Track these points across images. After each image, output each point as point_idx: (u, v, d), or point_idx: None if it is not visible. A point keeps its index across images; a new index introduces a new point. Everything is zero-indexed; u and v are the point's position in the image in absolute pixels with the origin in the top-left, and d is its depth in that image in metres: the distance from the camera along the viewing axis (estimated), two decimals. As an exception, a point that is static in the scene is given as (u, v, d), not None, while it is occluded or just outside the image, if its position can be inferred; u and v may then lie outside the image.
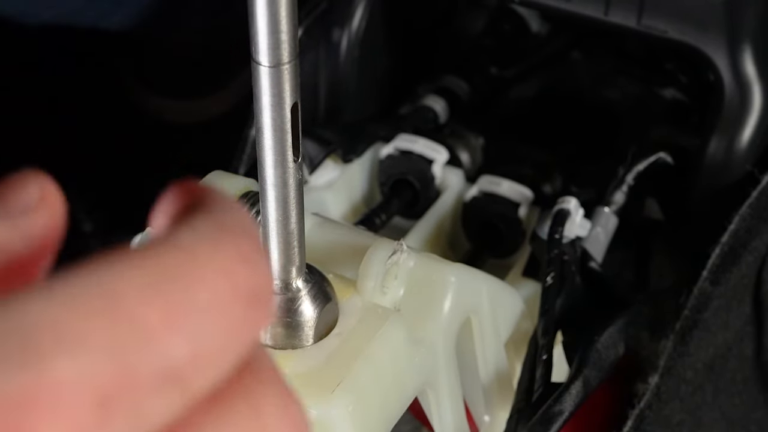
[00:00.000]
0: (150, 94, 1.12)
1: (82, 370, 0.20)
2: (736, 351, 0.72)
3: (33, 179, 0.26)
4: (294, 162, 0.41)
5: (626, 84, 0.86)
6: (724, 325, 0.69)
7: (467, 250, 0.77)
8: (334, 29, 0.80)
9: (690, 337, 0.66)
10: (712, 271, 0.67)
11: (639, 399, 0.64)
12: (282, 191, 0.42)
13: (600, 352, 0.60)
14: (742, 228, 0.68)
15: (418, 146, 0.77)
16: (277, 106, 0.39)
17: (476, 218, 0.75)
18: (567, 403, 0.57)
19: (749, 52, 0.69)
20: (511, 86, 0.89)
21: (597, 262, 0.67)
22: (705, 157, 0.72)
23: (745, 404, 0.73)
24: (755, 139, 0.71)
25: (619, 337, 0.62)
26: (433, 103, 0.83)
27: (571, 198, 0.67)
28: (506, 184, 0.75)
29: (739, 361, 0.72)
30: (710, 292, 0.67)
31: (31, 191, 0.26)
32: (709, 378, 0.69)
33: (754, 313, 0.72)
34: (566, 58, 0.90)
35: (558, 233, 0.65)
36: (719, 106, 0.71)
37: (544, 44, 0.90)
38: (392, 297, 0.51)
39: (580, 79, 0.88)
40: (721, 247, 0.67)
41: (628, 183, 0.72)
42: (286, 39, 0.38)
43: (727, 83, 0.70)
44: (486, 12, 0.90)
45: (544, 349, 0.60)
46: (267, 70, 0.38)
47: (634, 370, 0.66)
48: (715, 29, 0.69)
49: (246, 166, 0.77)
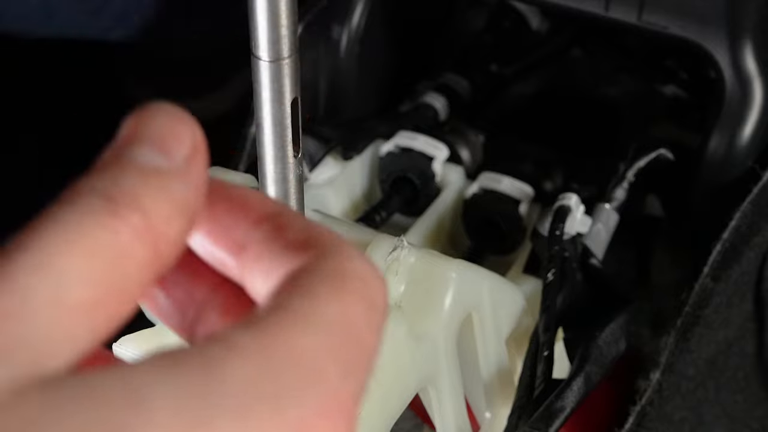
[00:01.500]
0: (150, 94, 1.13)
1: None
2: (738, 348, 0.72)
3: (182, 122, 0.25)
4: (294, 157, 0.41)
5: (627, 81, 0.86)
6: (726, 321, 0.69)
7: (468, 247, 0.77)
8: (334, 26, 0.80)
9: (691, 333, 0.66)
10: (713, 267, 0.67)
11: (640, 396, 0.64)
12: (282, 187, 0.41)
13: (601, 349, 0.60)
14: (744, 224, 0.68)
15: (418, 143, 0.77)
16: (277, 101, 0.39)
17: (477, 215, 0.75)
18: (568, 400, 0.57)
19: (750, 48, 0.69)
20: (511, 83, 0.89)
21: (598, 259, 0.67)
22: (706, 153, 0.72)
23: (746, 401, 0.73)
24: (756, 135, 0.71)
25: (621, 333, 0.62)
26: (434, 101, 0.83)
27: (571, 194, 0.67)
28: (507, 181, 0.75)
29: (741, 358, 0.72)
30: (711, 288, 0.67)
31: (185, 138, 0.25)
32: (711, 375, 0.69)
33: (756, 310, 0.72)
34: (567, 55, 0.89)
35: (559, 230, 0.65)
36: (720, 103, 0.71)
37: (545, 41, 0.90)
38: (393, 293, 0.51)
39: (581, 76, 0.88)
40: (722, 244, 0.67)
41: (629, 179, 0.72)
42: (286, 34, 0.38)
43: (728, 79, 0.70)
44: (486, 9, 0.90)
45: (545, 345, 0.60)
46: (267, 65, 0.38)
47: (636, 367, 0.66)
48: (716, 25, 0.69)
49: (246, 164, 0.77)
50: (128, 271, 0.23)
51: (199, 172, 0.25)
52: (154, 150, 0.24)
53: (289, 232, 0.26)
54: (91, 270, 0.22)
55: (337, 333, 0.24)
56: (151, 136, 0.24)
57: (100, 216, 0.23)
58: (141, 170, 0.24)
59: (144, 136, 0.24)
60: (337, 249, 0.26)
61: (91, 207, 0.23)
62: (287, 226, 0.26)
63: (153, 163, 0.24)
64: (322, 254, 0.25)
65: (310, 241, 0.26)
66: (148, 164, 0.24)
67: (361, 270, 0.26)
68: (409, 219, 0.76)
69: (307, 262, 0.25)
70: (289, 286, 0.25)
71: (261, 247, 0.26)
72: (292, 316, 0.24)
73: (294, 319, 0.23)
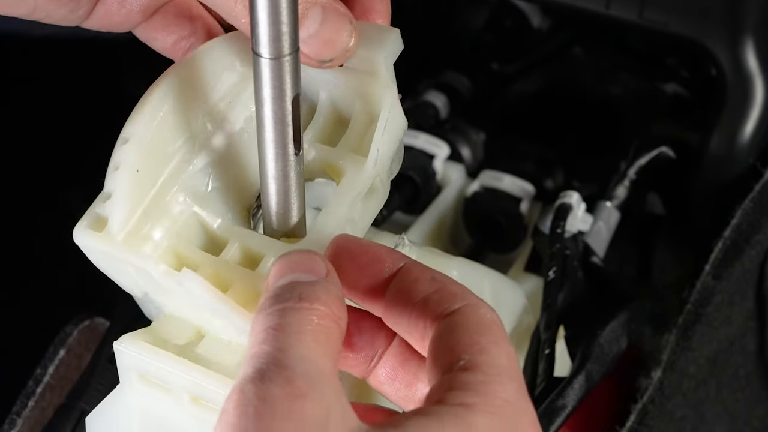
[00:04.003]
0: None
1: None
2: (739, 346, 0.72)
3: (315, 255, 0.38)
4: (295, 155, 0.41)
5: (628, 79, 0.86)
6: (727, 319, 0.69)
7: (469, 245, 0.77)
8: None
9: (693, 331, 0.66)
10: (715, 265, 0.67)
11: (642, 394, 0.64)
12: (283, 184, 0.41)
13: (602, 347, 0.60)
14: (745, 222, 0.68)
15: (419, 141, 0.77)
16: (278, 98, 0.39)
17: (478, 213, 0.75)
18: (570, 398, 0.57)
19: (751, 46, 0.69)
20: (512, 81, 0.89)
21: (599, 257, 0.67)
22: (707, 151, 0.72)
23: (747, 399, 0.73)
24: (758, 132, 0.71)
25: (622, 331, 0.62)
26: (434, 99, 0.83)
27: (573, 192, 0.67)
28: (508, 179, 0.74)
29: (742, 356, 0.72)
30: (713, 286, 0.66)
31: (320, 261, 0.38)
32: (712, 373, 0.69)
33: (757, 308, 0.72)
34: (568, 54, 0.89)
35: (560, 228, 0.65)
36: (721, 100, 0.70)
37: (546, 40, 0.90)
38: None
39: (582, 74, 0.88)
40: (723, 242, 0.67)
41: (630, 177, 0.72)
42: (286, 31, 0.37)
43: (729, 77, 0.70)
44: (487, 7, 0.90)
45: (546, 343, 0.60)
46: (268, 62, 0.38)
47: (637, 365, 0.66)
48: (717, 22, 0.69)
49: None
50: (336, 342, 0.36)
51: (336, 278, 0.38)
52: (310, 275, 0.37)
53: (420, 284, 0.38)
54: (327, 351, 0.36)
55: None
56: (299, 267, 0.38)
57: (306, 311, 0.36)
58: (310, 284, 0.37)
59: (296, 268, 0.38)
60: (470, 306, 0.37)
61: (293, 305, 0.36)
62: (418, 278, 0.38)
63: (311, 278, 0.37)
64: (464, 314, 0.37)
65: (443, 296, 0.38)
66: (311, 279, 0.37)
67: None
68: (410, 217, 0.76)
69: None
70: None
71: (396, 298, 0.38)
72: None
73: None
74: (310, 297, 0.36)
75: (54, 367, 0.71)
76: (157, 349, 0.43)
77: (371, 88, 0.44)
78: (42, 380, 0.70)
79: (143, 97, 0.43)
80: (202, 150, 0.44)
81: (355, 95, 0.45)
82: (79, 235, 0.42)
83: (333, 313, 0.36)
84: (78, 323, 0.73)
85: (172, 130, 0.43)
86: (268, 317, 0.36)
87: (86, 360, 0.71)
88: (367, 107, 0.45)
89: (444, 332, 0.36)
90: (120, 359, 0.44)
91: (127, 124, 0.42)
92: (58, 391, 0.70)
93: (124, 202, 0.41)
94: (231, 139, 0.45)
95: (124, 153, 0.42)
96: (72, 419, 0.66)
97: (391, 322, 0.39)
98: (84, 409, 0.66)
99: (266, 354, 0.34)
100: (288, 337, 0.35)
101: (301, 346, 0.34)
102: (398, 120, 0.45)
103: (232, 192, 0.45)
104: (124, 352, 0.43)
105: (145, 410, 0.45)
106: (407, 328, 0.38)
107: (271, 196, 0.42)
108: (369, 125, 0.45)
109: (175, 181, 0.43)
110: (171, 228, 0.42)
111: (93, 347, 0.71)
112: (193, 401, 0.43)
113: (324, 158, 0.44)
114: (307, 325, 0.35)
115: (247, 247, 0.42)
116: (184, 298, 0.41)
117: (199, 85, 0.44)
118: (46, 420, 0.68)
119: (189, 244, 0.43)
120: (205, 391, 0.42)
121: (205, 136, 0.44)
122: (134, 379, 0.44)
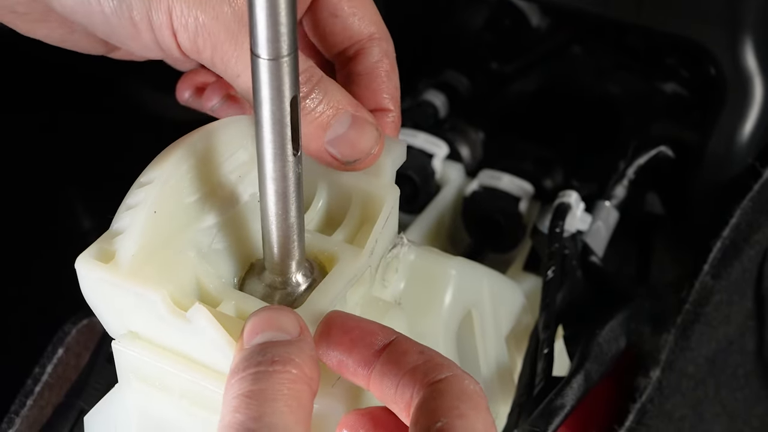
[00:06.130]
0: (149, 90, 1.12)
1: None
2: (738, 345, 0.72)
3: (284, 312, 0.39)
4: (293, 155, 0.41)
5: (627, 78, 0.86)
6: (726, 319, 0.69)
7: (468, 244, 0.77)
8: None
9: (691, 331, 0.66)
10: (714, 264, 0.67)
11: (641, 393, 0.64)
12: (281, 185, 0.41)
13: (601, 346, 0.60)
14: (744, 221, 0.68)
15: (418, 140, 0.77)
16: (277, 99, 0.39)
17: (477, 213, 0.75)
18: (568, 397, 0.57)
19: (750, 45, 0.69)
20: (511, 81, 0.89)
21: (598, 256, 0.67)
22: (706, 150, 0.72)
23: (746, 399, 0.73)
24: (757, 132, 0.71)
25: (621, 331, 0.62)
26: (433, 98, 0.83)
27: (571, 192, 0.67)
28: (507, 178, 0.74)
29: (741, 355, 0.72)
30: (712, 286, 0.66)
31: (293, 320, 0.39)
32: (711, 372, 0.69)
33: (756, 308, 0.72)
34: (566, 53, 0.89)
35: (559, 227, 0.65)
36: (720, 100, 0.70)
37: (545, 39, 0.90)
38: (393, 290, 0.51)
39: (581, 73, 0.88)
40: (722, 241, 0.67)
41: (629, 177, 0.72)
42: (285, 31, 0.37)
43: (729, 76, 0.70)
44: (486, 7, 0.90)
45: (545, 343, 0.60)
46: (266, 63, 0.38)
47: (636, 365, 0.66)
48: (716, 22, 0.69)
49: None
50: (307, 405, 0.38)
51: (309, 336, 0.39)
52: (283, 333, 0.39)
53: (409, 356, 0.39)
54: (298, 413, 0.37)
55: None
56: (272, 325, 0.39)
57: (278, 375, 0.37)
58: (283, 344, 0.38)
59: (268, 327, 0.39)
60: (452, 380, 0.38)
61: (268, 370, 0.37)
62: (407, 351, 0.39)
63: (284, 337, 0.39)
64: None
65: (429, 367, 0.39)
66: (283, 339, 0.38)
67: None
68: (409, 216, 0.76)
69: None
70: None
71: (385, 368, 0.39)
72: None
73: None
74: (284, 359, 0.38)
75: (52, 366, 0.71)
76: (156, 349, 0.43)
77: (373, 187, 0.48)
78: (40, 379, 0.70)
79: (166, 150, 0.44)
80: (211, 211, 0.45)
81: (355, 191, 0.48)
82: (83, 265, 0.42)
83: (305, 374, 0.38)
84: (76, 322, 0.73)
85: (190, 184, 0.44)
86: (241, 382, 0.37)
87: (85, 359, 0.71)
88: (367, 203, 0.48)
89: (428, 398, 0.38)
90: (118, 358, 0.44)
91: (147, 170, 0.44)
92: (56, 390, 0.70)
93: (137, 238, 0.42)
94: (237, 207, 0.47)
95: (144, 193, 0.43)
96: (70, 418, 0.66)
97: (378, 392, 0.40)
98: (82, 408, 0.66)
99: (239, 423, 0.36)
100: (260, 406, 0.36)
101: (274, 415, 0.36)
102: (393, 224, 0.48)
103: (232, 256, 0.46)
104: (123, 352, 0.43)
105: (143, 409, 0.45)
106: (394, 397, 0.39)
107: (269, 196, 0.42)
108: (365, 221, 0.48)
109: (185, 232, 0.44)
110: (173, 274, 0.43)
111: (91, 346, 0.71)
112: (192, 401, 0.43)
113: (319, 245, 0.46)
114: (279, 392, 0.37)
115: (242, 309, 0.43)
116: (181, 334, 0.42)
117: (216, 154, 0.45)
118: (44, 419, 0.68)
119: (185, 294, 0.43)
120: (203, 390, 0.42)
121: (215, 200, 0.45)
122: (132, 378, 0.44)
